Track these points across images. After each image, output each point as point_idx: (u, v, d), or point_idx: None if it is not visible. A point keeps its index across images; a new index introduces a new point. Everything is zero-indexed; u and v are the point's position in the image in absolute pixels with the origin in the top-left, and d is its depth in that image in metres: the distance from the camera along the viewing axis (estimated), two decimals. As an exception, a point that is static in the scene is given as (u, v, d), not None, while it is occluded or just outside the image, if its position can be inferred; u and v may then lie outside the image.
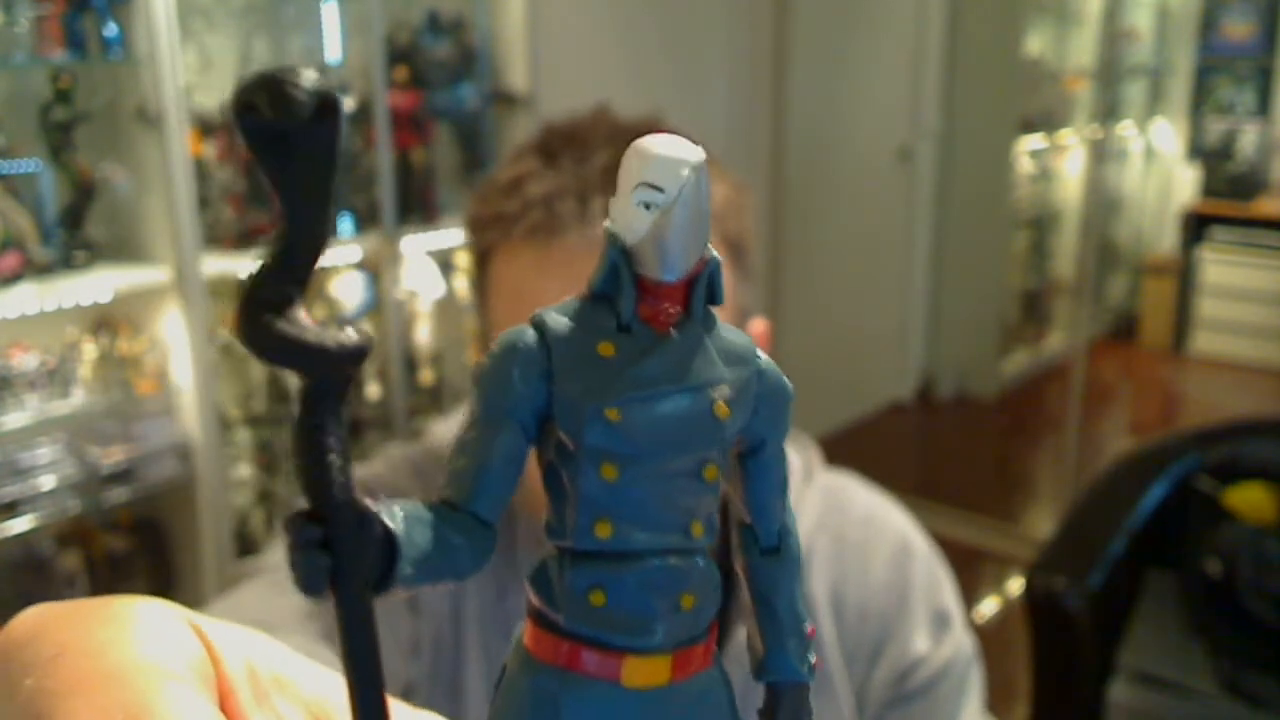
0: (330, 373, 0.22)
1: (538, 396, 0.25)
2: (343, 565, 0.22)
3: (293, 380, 0.23)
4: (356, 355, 0.22)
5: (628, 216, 0.25)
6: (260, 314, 0.21)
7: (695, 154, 0.25)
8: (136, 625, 0.24)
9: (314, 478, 0.22)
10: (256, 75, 0.21)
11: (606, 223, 0.26)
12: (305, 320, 0.21)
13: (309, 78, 0.21)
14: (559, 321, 0.26)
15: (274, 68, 0.21)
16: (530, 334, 0.26)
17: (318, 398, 0.22)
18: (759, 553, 0.28)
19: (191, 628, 0.25)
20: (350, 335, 0.22)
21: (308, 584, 0.22)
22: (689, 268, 0.25)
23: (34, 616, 0.24)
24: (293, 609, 0.76)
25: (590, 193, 0.77)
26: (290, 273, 0.21)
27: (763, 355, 0.28)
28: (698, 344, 0.26)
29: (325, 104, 0.21)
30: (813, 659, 0.28)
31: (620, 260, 0.25)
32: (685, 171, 0.25)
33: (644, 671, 0.25)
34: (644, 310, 0.26)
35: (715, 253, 0.26)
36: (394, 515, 0.23)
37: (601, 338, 0.25)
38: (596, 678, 0.25)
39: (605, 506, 0.25)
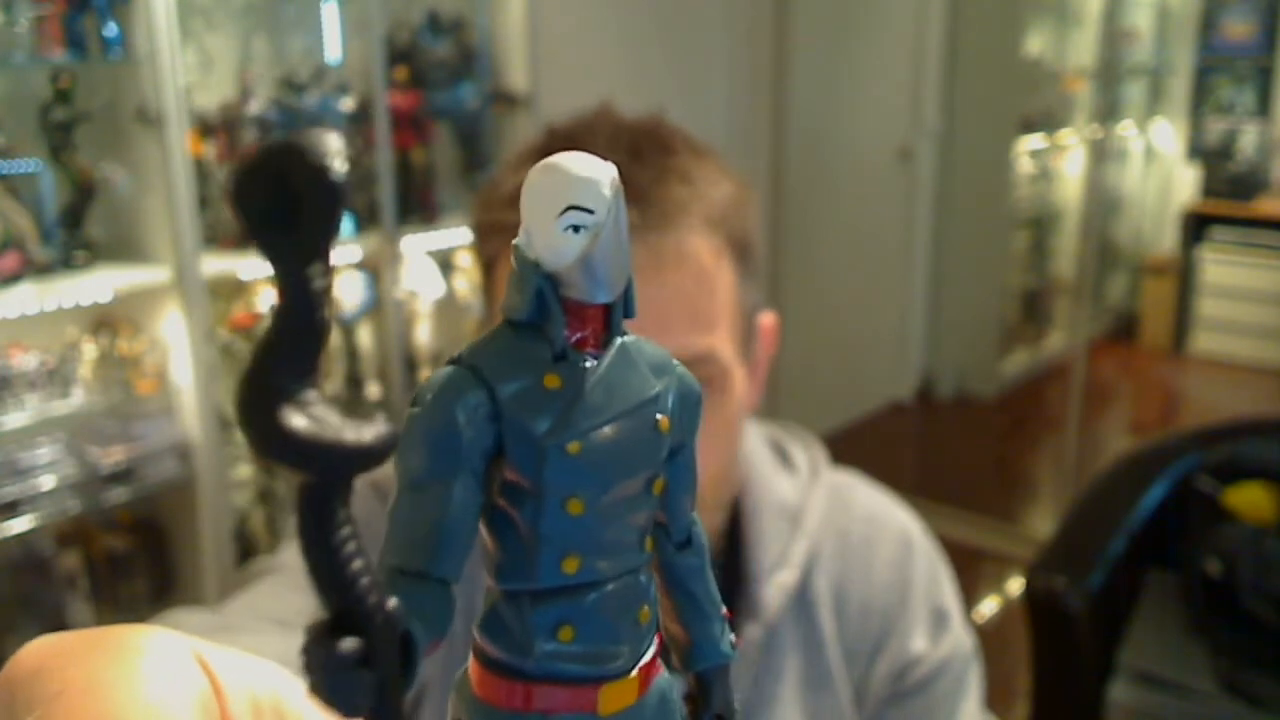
0: (347, 473, 0.20)
1: (485, 439, 0.24)
2: (387, 679, 0.21)
3: None
4: (380, 453, 0.20)
5: (553, 241, 0.24)
6: (272, 407, 0.18)
7: (610, 171, 0.25)
8: (140, 662, 0.23)
9: (335, 589, 0.20)
10: (275, 145, 0.19)
11: (517, 243, 0.25)
12: (324, 413, 0.19)
13: (333, 142, 0.19)
14: (494, 359, 0.24)
15: (290, 137, 0.19)
16: (464, 375, 0.24)
17: (325, 500, 0.20)
18: (673, 548, 0.28)
19: (196, 660, 0.25)
20: (373, 430, 0.19)
21: (350, 706, 0.20)
22: (620, 286, 0.25)
23: (39, 650, 0.24)
24: (311, 607, 0.76)
25: None
26: (299, 358, 0.19)
27: (676, 362, 0.27)
28: (629, 363, 0.26)
29: (325, 183, 0.19)
30: (732, 638, 0.29)
31: (546, 286, 0.24)
32: (608, 191, 0.24)
33: (617, 696, 0.25)
34: (571, 335, 0.25)
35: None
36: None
37: (543, 370, 0.24)
38: (572, 714, 0.24)
39: (573, 542, 0.24)
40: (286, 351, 0.19)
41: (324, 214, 0.19)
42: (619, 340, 0.26)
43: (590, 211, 0.24)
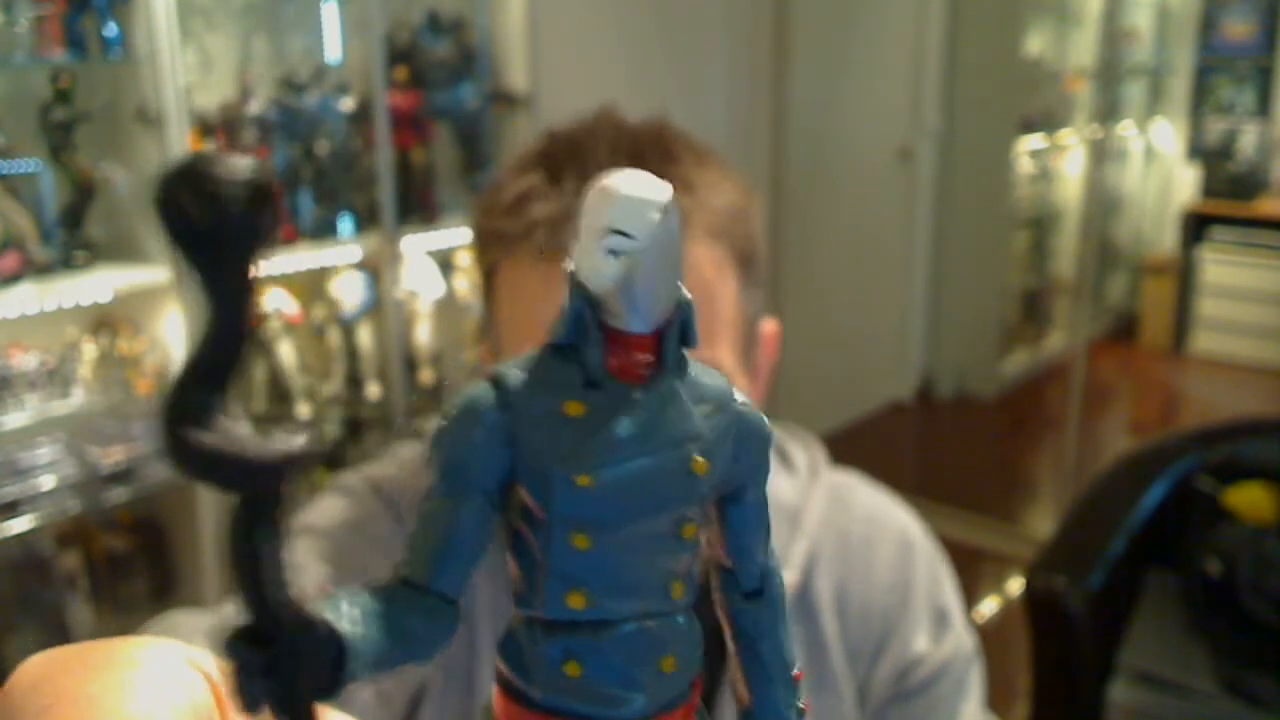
0: (262, 487, 0.20)
1: (501, 462, 0.23)
2: (288, 686, 0.21)
3: (292, 382, 0.21)
4: (290, 467, 0.20)
5: (594, 263, 0.23)
6: (179, 426, 0.19)
7: (663, 193, 0.23)
8: (130, 674, 0.24)
9: (252, 596, 0.21)
10: (180, 166, 0.19)
11: (568, 266, 0.24)
12: (232, 429, 0.19)
13: (239, 168, 0.19)
14: (520, 379, 0.24)
15: (199, 155, 0.19)
16: (490, 394, 0.24)
17: (252, 512, 0.20)
18: (741, 596, 0.26)
19: (194, 669, 0.25)
20: (286, 443, 0.20)
21: (250, 705, 0.21)
22: (661, 317, 0.24)
23: (38, 664, 0.24)
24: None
25: None
26: (214, 376, 0.19)
27: (739, 396, 0.26)
28: (671, 396, 0.24)
29: (257, 194, 0.19)
30: (801, 704, 0.27)
31: (585, 309, 0.23)
32: (655, 215, 0.23)
33: None
34: (613, 363, 0.24)
35: (687, 294, 0.25)
36: (345, 615, 0.22)
37: (568, 395, 0.23)
38: None
39: (579, 576, 0.24)
40: (202, 372, 0.19)
41: (243, 237, 0.19)
42: (668, 373, 0.24)
43: (631, 237, 0.23)
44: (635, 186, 0.23)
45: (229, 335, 0.19)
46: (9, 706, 0.23)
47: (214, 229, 0.19)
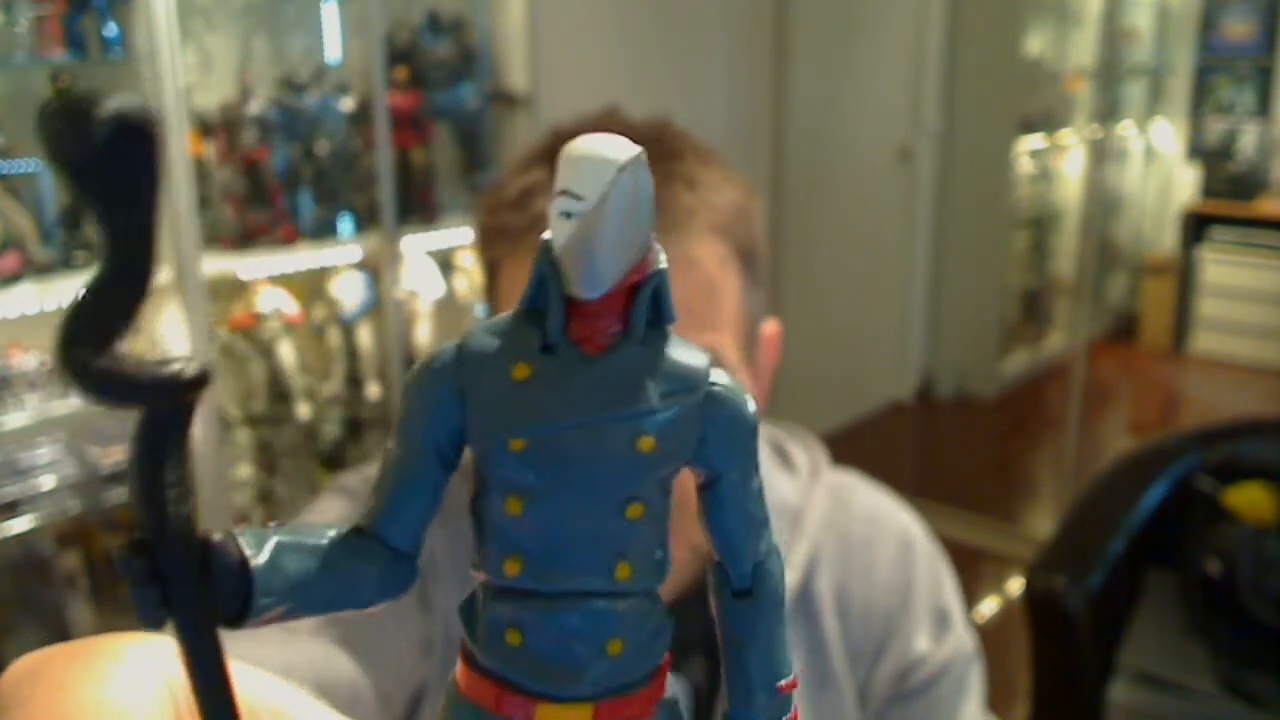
0: (159, 404, 0.21)
1: (452, 420, 0.23)
2: (174, 597, 0.21)
3: (292, 382, 0.22)
4: (179, 388, 0.21)
5: (551, 225, 0.23)
6: (73, 349, 0.20)
7: (624, 153, 0.22)
8: (113, 665, 0.24)
9: (146, 510, 0.21)
10: (56, 102, 0.19)
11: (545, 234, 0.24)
12: (124, 354, 0.20)
13: (112, 103, 0.19)
14: (482, 340, 0.24)
15: (75, 92, 0.19)
16: (450, 353, 0.24)
17: (151, 430, 0.21)
18: (730, 595, 0.25)
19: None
20: (175, 367, 0.21)
21: (143, 616, 0.21)
22: (613, 282, 0.23)
23: (31, 659, 0.25)
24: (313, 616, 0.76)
25: None
26: (111, 305, 0.20)
27: (720, 377, 0.24)
28: (628, 368, 0.23)
29: (126, 130, 0.19)
30: (789, 714, 0.25)
31: (549, 274, 0.23)
32: (608, 175, 0.22)
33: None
34: (577, 330, 0.23)
35: (661, 263, 0.24)
36: (257, 544, 0.22)
37: (520, 358, 0.23)
38: (504, 718, 0.24)
39: (514, 542, 0.23)
40: (98, 302, 0.20)
41: (123, 171, 0.19)
42: (633, 344, 0.23)
43: (578, 198, 0.22)
44: (590, 147, 0.22)
45: (122, 268, 0.20)
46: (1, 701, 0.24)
47: (90, 162, 0.19)
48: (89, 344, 0.20)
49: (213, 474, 2.22)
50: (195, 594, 0.21)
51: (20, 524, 2.00)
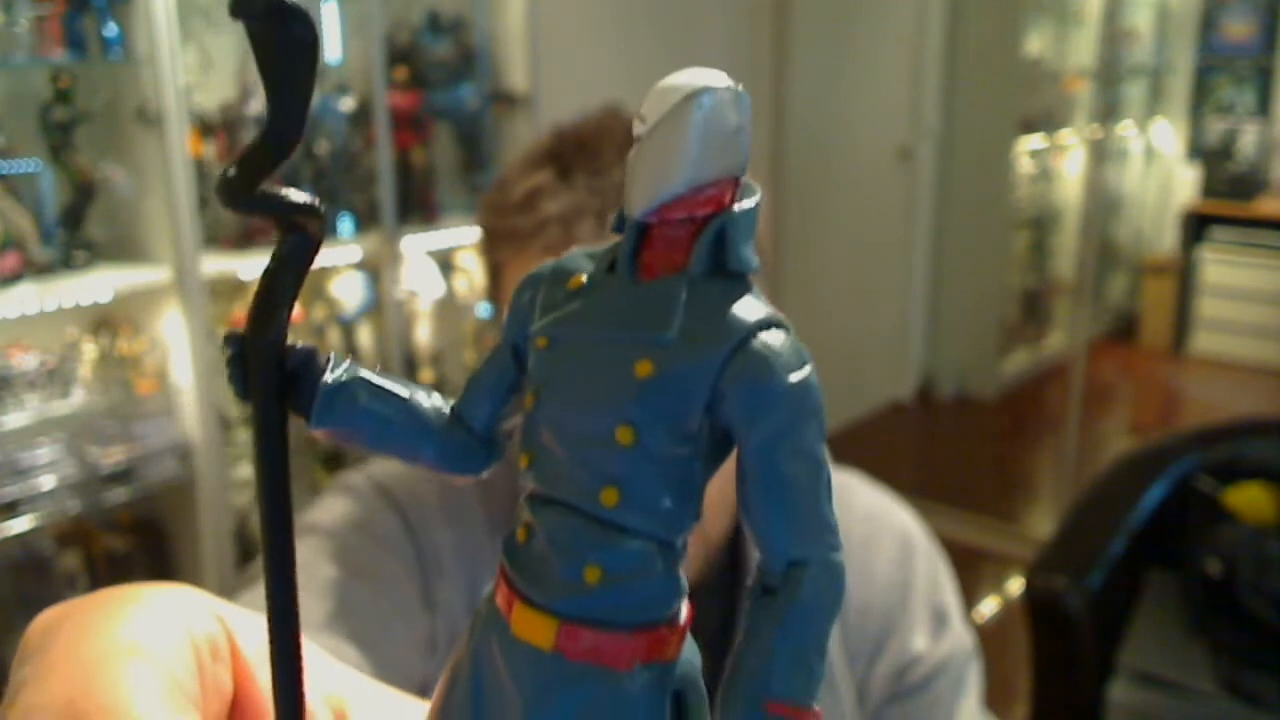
0: (299, 222, 0.24)
1: (529, 322, 0.25)
2: (252, 380, 0.25)
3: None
4: (317, 210, 0.24)
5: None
6: (240, 178, 0.23)
7: (699, 81, 0.22)
8: (134, 607, 0.25)
9: (257, 307, 0.25)
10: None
11: None
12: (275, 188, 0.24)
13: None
14: (572, 256, 0.26)
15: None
16: (548, 265, 0.26)
17: (288, 247, 0.24)
18: (760, 590, 0.22)
19: (210, 614, 0.26)
20: (315, 199, 0.25)
21: (231, 385, 0.25)
22: (654, 205, 0.23)
23: (55, 610, 0.26)
24: (323, 612, 0.78)
25: (609, 211, 0.77)
26: (268, 153, 0.23)
27: (769, 338, 0.23)
28: (664, 296, 0.23)
29: (285, 11, 0.22)
30: None
31: None
32: (671, 99, 0.22)
33: (528, 625, 0.23)
34: (646, 256, 0.24)
35: (738, 206, 0.23)
36: (339, 367, 0.25)
37: (583, 271, 0.25)
38: (503, 614, 0.24)
39: (527, 435, 0.25)
40: (259, 152, 0.23)
41: (293, 44, 0.23)
42: (686, 279, 0.23)
43: (643, 121, 0.23)
44: (673, 76, 0.23)
45: (283, 125, 0.23)
46: (24, 649, 0.25)
47: (267, 30, 0.22)
48: (251, 177, 0.23)
49: (213, 474, 2.22)
50: (268, 382, 0.25)
51: (20, 524, 2.00)
